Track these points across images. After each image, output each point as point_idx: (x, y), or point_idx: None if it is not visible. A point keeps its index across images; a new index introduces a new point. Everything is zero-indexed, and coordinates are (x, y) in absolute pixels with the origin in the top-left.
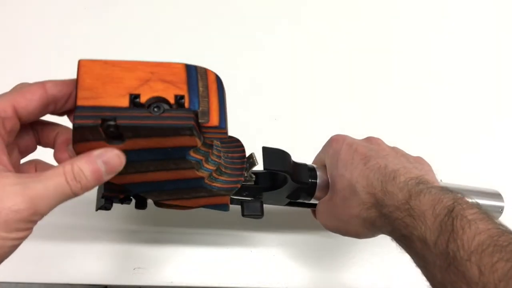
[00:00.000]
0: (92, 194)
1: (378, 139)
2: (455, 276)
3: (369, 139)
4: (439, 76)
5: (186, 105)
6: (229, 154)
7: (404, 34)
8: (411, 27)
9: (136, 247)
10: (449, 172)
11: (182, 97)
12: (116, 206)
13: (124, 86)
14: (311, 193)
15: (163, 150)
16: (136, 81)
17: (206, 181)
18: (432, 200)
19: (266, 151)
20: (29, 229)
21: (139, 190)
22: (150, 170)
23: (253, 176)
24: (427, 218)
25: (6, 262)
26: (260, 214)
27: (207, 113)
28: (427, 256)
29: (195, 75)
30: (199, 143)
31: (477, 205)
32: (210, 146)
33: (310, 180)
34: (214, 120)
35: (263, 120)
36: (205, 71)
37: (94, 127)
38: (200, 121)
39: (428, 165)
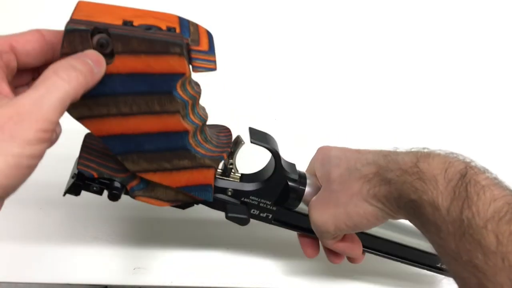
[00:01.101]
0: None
1: None
2: (470, 245)
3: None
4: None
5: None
6: (216, 133)
7: (403, 33)
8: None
9: (136, 247)
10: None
11: (174, 28)
12: (116, 206)
13: (119, 16)
14: (300, 194)
15: (150, 78)
16: (131, 14)
17: (190, 140)
18: (442, 163)
19: (253, 130)
20: (44, 141)
21: (118, 150)
22: (133, 112)
23: (238, 173)
24: (439, 182)
25: (6, 262)
26: (246, 217)
27: (197, 40)
28: (439, 223)
29: (187, 22)
30: (188, 72)
31: (487, 170)
32: (197, 92)
33: (299, 177)
34: (204, 45)
35: (263, 120)
36: (196, 24)
37: (85, 33)
38: (190, 44)
39: None
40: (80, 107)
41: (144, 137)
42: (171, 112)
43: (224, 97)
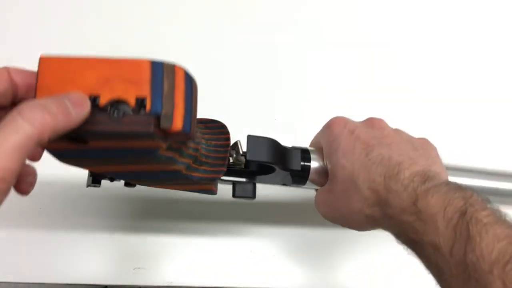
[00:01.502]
0: (91, 193)
1: (381, 120)
2: None
3: (371, 122)
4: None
5: (148, 107)
6: (213, 142)
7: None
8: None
9: (136, 247)
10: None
11: (143, 99)
12: (116, 206)
13: (84, 87)
14: (304, 177)
15: (130, 150)
16: (96, 80)
17: (185, 172)
18: (442, 201)
19: (251, 140)
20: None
21: (122, 178)
22: (125, 162)
23: (242, 159)
24: (438, 222)
25: (6, 262)
26: (251, 196)
27: (170, 117)
28: (441, 264)
29: (161, 74)
30: (163, 146)
31: (488, 202)
32: (182, 143)
33: (303, 164)
34: (177, 124)
35: (263, 120)
36: (172, 67)
37: None
38: (161, 126)
39: (434, 149)
40: (68, 160)
41: (142, 173)
42: (160, 163)
43: (224, 97)
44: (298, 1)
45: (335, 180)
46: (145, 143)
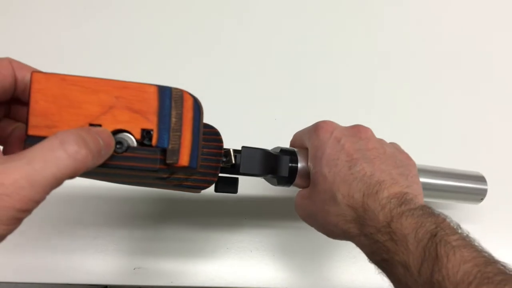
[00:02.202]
0: (91, 193)
1: (368, 130)
2: None
3: (358, 130)
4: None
5: (154, 141)
6: (205, 150)
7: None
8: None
9: (136, 247)
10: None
11: (149, 131)
12: (116, 206)
13: (84, 114)
14: (290, 182)
15: (130, 175)
16: (98, 107)
17: (176, 182)
18: (414, 223)
19: (245, 152)
20: (18, 223)
21: (115, 183)
22: (121, 178)
23: (231, 162)
24: (409, 242)
25: (6, 262)
26: (234, 191)
27: (177, 152)
28: (409, 283)
29: (169, 103)
30: (165, 176)
31: (459, 228)
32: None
33: (290, 169)
34: (183, 160)
35: (263, 120)
36: (181, 95)
37: None
38: (168, 161)
39: (414, 166)
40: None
41: (135, 182)
42: (155, 179)
43: (224, 97)
44: (298, 2)
45: (315, 189)
46: (147, 174)
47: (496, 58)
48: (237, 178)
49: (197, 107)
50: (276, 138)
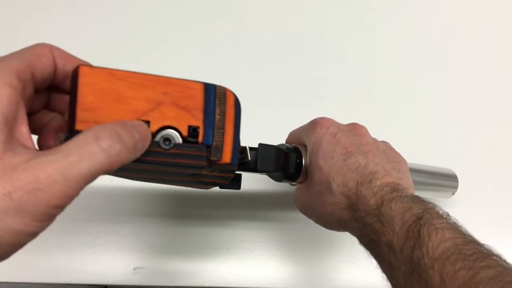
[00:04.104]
0: (91, 192)
1: (363, 127)
2: (418, 283)
3: (353, 127)
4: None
5: (200, 138)
6: None
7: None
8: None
9: (136, 247)
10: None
11: (196, 128)
12: (116, 206)
13: (132, 109)
14: (295, 178)
15: (169, 172)
16: (146, 103)
17: (198, 178)
18: (403, 207)
19: (262, 149)
20: (52, 219)
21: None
22: (154, 175)
23: (248, 157)
24: (395, 224)
25: (6, 262)
26: (238, 188)
27: (220, 149)
28: (392, 262)
29: (213, 100)
30: (205, 172)
31: (447, 215)
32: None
33: (296, 166)
34: (226, 157)
35: (263, 120)
36: (224, 93)
37: None
38: (212, 158)
39: (405, 163)
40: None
41: (159, 179)
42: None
43: None
44: (299, 2)
45: (312, 180)
46: (189, 170)
47: (495, 58)
48: (240, 175)
49: (238, 105)
50: (276, 138)
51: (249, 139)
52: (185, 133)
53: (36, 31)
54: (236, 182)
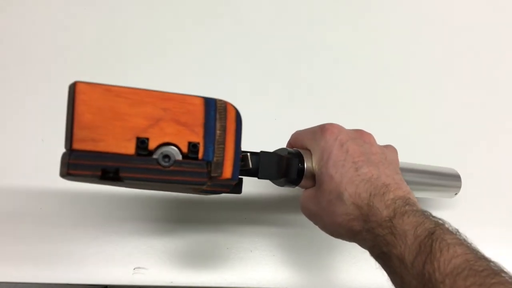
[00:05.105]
0: (91, 192)
1: (370, 135)
2: None
3: (361, 135)
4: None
5: (200, 154)
6: None
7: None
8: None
9: (136, 247)
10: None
11: (196, 144)
12: (116, 206)
13: (131, 126)
14: (296, 183)
15: (168, 185)
16: (145, 120)
17: (201, 188)
18: (415, 221)
19: (263, 159)
20: None
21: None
22: (154, 187)
23: (249, 164)
24: (407, 237)
25: (6, 262)
26: (238, 192)
27: (221, 165)
28: (404, 275)
29: (214, 115)
30: (205, 187)
31: (457, 232)
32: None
33: (298, 171)
34: (227, 173)
35: (263, 120)
36: (225, 107)
37: (92, 178)
38: (212, 174)
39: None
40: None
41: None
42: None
43: (224, 97)
44: (299, 1)
45: (321, 188)
46: (190, 186)
47: (495, 58)
48: (241, 179)
49: (239, 119)
50: (276, 138)
51: (249, 139)
52: (185, 149)
53: (36, 31)
54: (237, 187)
